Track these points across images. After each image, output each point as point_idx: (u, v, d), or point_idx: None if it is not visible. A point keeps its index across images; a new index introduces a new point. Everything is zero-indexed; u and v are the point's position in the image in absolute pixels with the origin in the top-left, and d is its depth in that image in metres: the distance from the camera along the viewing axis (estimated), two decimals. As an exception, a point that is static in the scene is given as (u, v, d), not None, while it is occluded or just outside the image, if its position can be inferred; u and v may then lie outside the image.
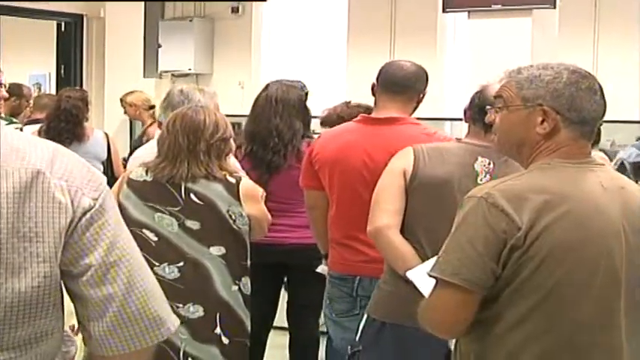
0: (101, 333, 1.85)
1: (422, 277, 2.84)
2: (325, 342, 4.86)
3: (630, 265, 2.41)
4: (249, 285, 3.95)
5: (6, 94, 4.52)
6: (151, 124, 8.50)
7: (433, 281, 2.46)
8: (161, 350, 3.81)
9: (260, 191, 4.05)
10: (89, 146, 6.77)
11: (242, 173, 4.09)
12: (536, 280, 2.32)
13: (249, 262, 3.94)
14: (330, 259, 4.13)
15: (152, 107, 8.78)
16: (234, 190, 3.80)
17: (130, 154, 7.80)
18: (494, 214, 2.31)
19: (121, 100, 8.93)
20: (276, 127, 4.74)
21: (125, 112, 8.93)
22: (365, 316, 3.53)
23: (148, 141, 8.22)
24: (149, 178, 3.85)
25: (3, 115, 6.75)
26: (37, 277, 1.76)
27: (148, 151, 4.66)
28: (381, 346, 3.41)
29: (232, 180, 3.82)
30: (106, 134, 7.15)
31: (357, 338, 3.55)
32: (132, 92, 8.92)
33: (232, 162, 4.19)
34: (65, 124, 6.62)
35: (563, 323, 2.36)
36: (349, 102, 5.44)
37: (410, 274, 3.02)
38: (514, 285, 2.34)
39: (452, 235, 2.39)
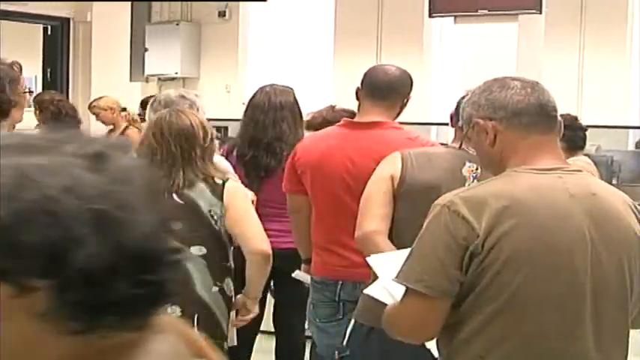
0: None
1: (383, 264, 2.90)
2: (310, 347, 4.86)
3: (598, 275, 2.40)
4: (232, 286, 3.94)
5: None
6: (126, 127, 8.47)
7: (388, 270, 2.57)
8: None
9: (250, 194, 4.01)
10: None
11: (232, 175, 4.07)
12: (497, 286, 2.33)
13: (231, 264, 3.92)
14: (313, 264, 4.13)
15: (124, 109, 8.75)
16: (218, 191, 3.76)
17: None
18: (455, 222, 2.33)
19: (93, 106, 8.80)
20: (283, 132, 4.72)
21: (98, 119, 8.80)
22: (352, 321, 3.53)
23: (128, 144, 8.22)
24: None
25: None
26: None
27: None
28: (368, 351, 3.41)
29: (219, 181, 3.78)
30: None
31: (345, 343, 3.54)
32: (100, 98, 8.83)
33: (220, 161, 4.16)
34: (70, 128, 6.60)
35: (524, 330, 2.37)
36: (334, 106, 5.44)
37: (371, 260, 3.03)
38: (476, 291, 2.35)
39: (416, 242, 2.42)
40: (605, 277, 2.41)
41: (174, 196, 3.74)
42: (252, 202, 4.04)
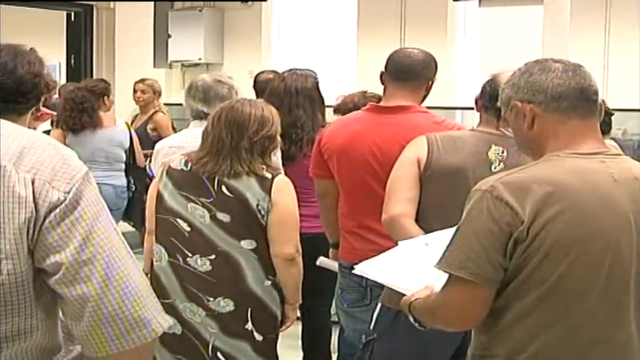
0: (81, 333, 1.80)
1: (374, 269, 2.92)
2: (337, 332, 4.86)
3: None
4: None
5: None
6: (155, 113, 8.47)
7: (390, 268, 2.64)
8: (189, 344, 3.79)
9: (294, 195, 3.87)
10: (114, 134, 6.95)
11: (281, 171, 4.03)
12: (541, 273, 2.31)
13: None
14: (340, 249, 4.13)
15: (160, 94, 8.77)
16: (267, 185, 3.72)
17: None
18: (498, 207, 2.30)
19: (149, 84, 8.70)
20: (299, 118, 4.73)
21: (138, 96, 8.73)
22: (379, 305, 3.53)
23: (155, 129, 8.26)
24: (187, 168, 3.81)
25: None
26: (1, 274, 1.71)
27: (180, 139, 4.61)
28: (395, 334, 3.41)
29: (268, 175, 3.74)
30: (127, 123, 7.32)
31: (372, 327, 3.54)
32: (146, 78, 8.83)
33: (275, 160, 4.09)
34: (70, 112, 6.78)
35: (568, 317, 2.35)
36: (366, 92, 5.41)
37: (358, 271, 3.02)
38: (520, 278, 2.33)
39: (458, 228, 2.39)
40: None
41: (224, 188, 3.74)
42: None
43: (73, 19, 10.90)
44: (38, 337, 1.82)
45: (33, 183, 1.72)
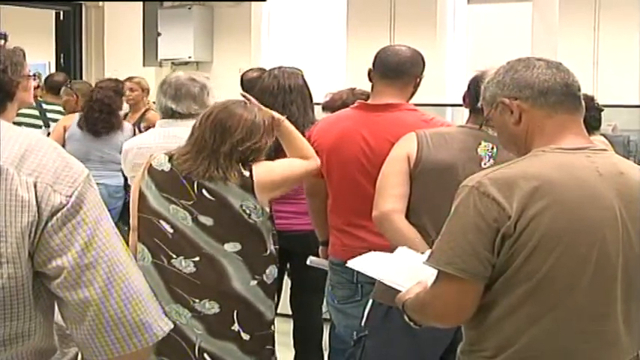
0: (82, 337, 1.79)
1: (366, 263, 2.94)
2: (329, 328, 4.86)
3: (628, 253, 2.39)
4: (275, 273, 3.90)
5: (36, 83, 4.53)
6: (147, 110, 8.43)
7: (382, 263, 2.68)
8: (175, 345, 3.76)
9: (276, 174, 3.87)
10: (116, 137, 6.93)
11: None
12: (529, 268, 2.32)
13: (272, 251, 3.87)
14: (330, 246, 4.13)
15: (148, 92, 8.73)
16: (248, 184, 3.71)
17: None
18: (484, 203, 2.31)
19: (136, 82, 8.67)
20: (292, 114, 4.71)
21: (129, 95, 8.69)
22: (370, 301, 3.53)
23: (148, 127, 8.21)
24: (167, 168, 3.78)
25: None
26: (1, 278, 1.70)
27: (149, 139, 4.58)
28: (387, 330, 3.41)
29: (246, 173, 3.72)
30: (134, 126, 7.29)
31: (363, 323, 3.55)
32: (142, 78, 8.80)
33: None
34: (99, 114, 6.76)
35: (556, 311, 2.36)
36: (354, 89, 5.40)
37: (351, 264, 3.03)
38: (508, 273, 2.34)
39: (446, 224, 2.40)
40: (634, 257, 2.40)
41: (204, 191, 3.72)
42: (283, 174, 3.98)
43: (62, 18, 10.88)
44: (35, 340, 1.81)
45: (35, 186, 1.71)
